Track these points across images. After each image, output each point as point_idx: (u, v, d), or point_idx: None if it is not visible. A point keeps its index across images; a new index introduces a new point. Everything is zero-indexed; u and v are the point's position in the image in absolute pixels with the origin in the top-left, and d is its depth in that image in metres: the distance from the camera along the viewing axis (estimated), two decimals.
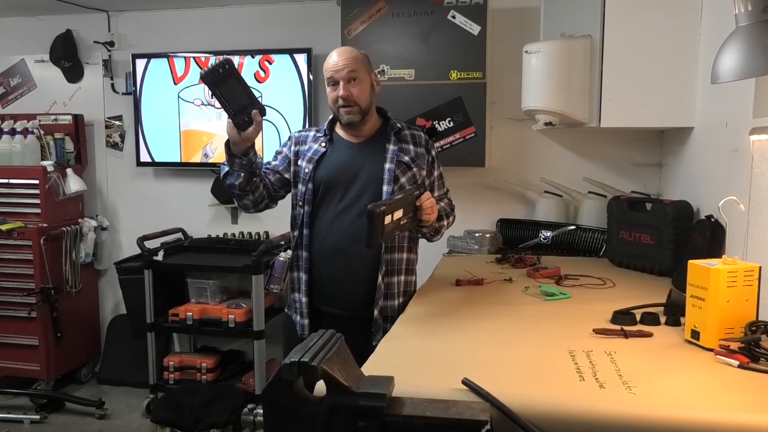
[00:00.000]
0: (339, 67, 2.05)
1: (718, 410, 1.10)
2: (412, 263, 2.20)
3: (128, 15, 4.00)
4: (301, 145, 2.19)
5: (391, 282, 2.10)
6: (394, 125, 2.16)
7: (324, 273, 2.12)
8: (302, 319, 2.16)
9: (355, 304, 2.10)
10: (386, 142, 2.12)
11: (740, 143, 1.96)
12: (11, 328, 3.75)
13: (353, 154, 2.14)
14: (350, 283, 2.10)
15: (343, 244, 2.07)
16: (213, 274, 3.53)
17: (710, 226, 2.08)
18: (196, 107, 3.81)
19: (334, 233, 2.08)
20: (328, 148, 2.15)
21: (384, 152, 2.10)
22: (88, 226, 3.93)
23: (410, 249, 2.18)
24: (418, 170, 2.12)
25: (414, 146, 2.15)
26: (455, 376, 1.18)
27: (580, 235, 2.92)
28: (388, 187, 2.04)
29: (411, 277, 2.20)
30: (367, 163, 2.10)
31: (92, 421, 3.55)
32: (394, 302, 2.11)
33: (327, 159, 2.13)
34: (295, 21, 3.72)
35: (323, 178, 2.11)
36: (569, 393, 1.19)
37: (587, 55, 2.59)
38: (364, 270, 2.08)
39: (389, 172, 2.07)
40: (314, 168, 2.12)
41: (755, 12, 1.46)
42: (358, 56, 2.10)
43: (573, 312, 1.82)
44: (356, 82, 2.06)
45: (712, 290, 1.43)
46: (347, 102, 2.05)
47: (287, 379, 0.98)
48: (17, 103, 4.21)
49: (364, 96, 2.08)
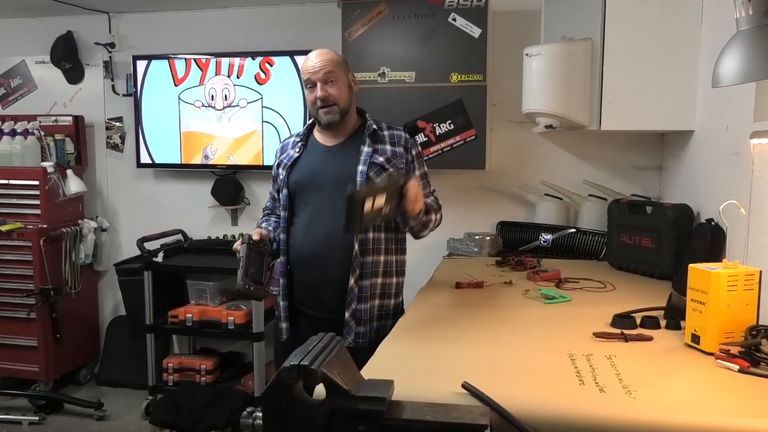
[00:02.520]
0: (316, 68, 2.07)
1: (718, 415, 1.10)
2: (391, 265, 2.15)
3: (129, 16, 4.00)
4: (282, 153, 2.23)
5: (365, 285, 2.08)
6: (370, 126, 2.15)
7: (301, 276, 2.14)
8: (281, 322, 2.18)
9: (331, 306, 2.10)
10: (361, 143, 2.12)
11: (741, 147, 1.96)
12: (10, 329, 3.75)
13: (326, 157, 2.14)
14: (326, 286, 2.10)
15: (318, 248, 2.08)
16: (213, 275, 3.53)
17: (711, 229, 2.08)
18: (197, 109, 3.81)
19: (310, 237, 2.09)
20: (302, 152, 2.17)
21: (358, 154, 2.10)
22: (87, 228, 3.93)
23: (390, 251, 2.14)
24: (395, 171, 2.10)
25: (391, 146, 2.13)
26: (455, 379, 1.18)
27: (581, 238, 2.92)
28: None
29: (393, 279, 2.16)
30: (339, 166, 2.10)
31: (91, 423, 3.55)
32: (367, 305, 2.08)
33: (300, 163, 2.16)
34: (296, 23, 3.72)
35: (296, 182, 2.13)
36: (569, 397, 1.19)
37: (588, 58, 2.59)
38: (339, 272, 2.07)
39: (361, 174, 2.06)
40: (288, 173, 2.14)
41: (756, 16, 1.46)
42: (334, 57, 2.11)
43: (573, 315, 1.82)
44: (333, 82, 2.07)
45: (712, 294, 1.43)
46: (325, 102, 2.07)
47: (287, 382, 0.98)
48: (18, 104, 4.21)
49: (342, 95, 2.09)
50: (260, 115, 3.72)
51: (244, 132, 3.75)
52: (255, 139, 3.74)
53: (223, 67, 3.74)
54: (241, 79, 3.72)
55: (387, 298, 2.14)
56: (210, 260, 3.57)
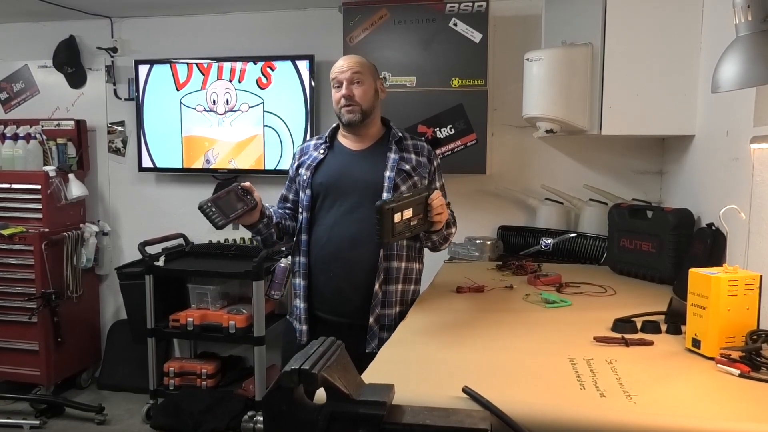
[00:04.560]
0: (344, 68, 2.09)
1: (718, 419, 1.10)
2: (411, 272, 2.16)
3: (131, 21, 4.01)
4: (303, 155, 2.22)
5: (389, 290, 2.08)
6: (396, 134, 2.17)
7: (323, 279, 2.11)
8: (301, 325, 2.15)
9: (353, 310, 2.08)
10: (387, 150, 2.13)
11: (741, 152, 1.96)
12: (12, 333, 3.75)
13: (352, 161, 2.14)
14: (348, 290, 2.09)
15: (341, 251, 2.06)
16: (214, 279, 3.53)
17: (711, 234, 2.08)
18: (198, 113, 3.82)
19: (334, 239, 2.08)
20: (327, 154, 2.17)
21: (385, 160, 2.10)
22: (89, 231, 3.94)
23: (410, 258, 2.15)
24: (419, 179, 2.12)
25: (416, 155, 2.15)
26: (455, 383, 1.18)
27: (581, 242, 2.92)
28: (388, 195, 2.04)
29: (410, 286, 2.17)
30: (366, 171, 2.10)
31: (92, 427, 3.54)
32: (391, 311, 2.09)
33: (325, 165, 2.15)
34: (298, 28, 3.74)
35: (321, 184, 2.12)
36: (570, 401, 1.19)
37: (588, 63, 2.59)
38: (363, 277, 2.07)
39: (389, 180, 2.07)
40: (312, 174, 2.13)
41: (755, 22, 1.46)
42: (364, 62, 2.14)
43: (574, 320, 1.82)
44: (360, 84, 2.09)
45: (713, 299, 1.43)
46: (349, 101, 2.08)
47: (287, 387, 0.98)
48: (20, 109, 4.22)
49: (366, 97, 2.10)
50: (262, 120, 3.72)
51: (245, 136, 3.76)
52: (256, 144, 3.74)
53: (225, 72, 3.75)
54: (243, 83, 3.73)
55: (405, 305, 2.13)
56: (211, 264, 3.57)
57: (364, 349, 2.03)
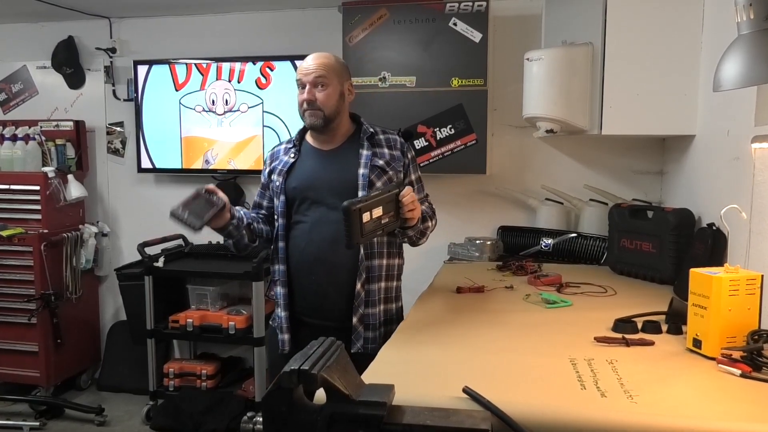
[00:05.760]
0: (309, 70, 2.05)
1: (720, 420, 1.10)
2: (393, 269, 2.14)
3: (130, 21, 4.01)
4: (274, 161, 2.19)
5: (371, 289, 2.06)
6: (367, 130, 2.13)
7: (305, 283, 2.09)
8: (282, 334, 2.12)
9: (337, 312, 2.07)
10: (359, 147, 2.10)
11: (742, 151, 1.96)
12: (11, 334, 3.74)
13: (324, 162, 2.11)
14: (332, 292, 2.07)
15: (322, 253, 2.04)
16: (213, 280, 3.53)
17: (712, 234, 2.07)
18: (198, 113, 3.81)
19: (313, 242, 2.06)
20: (297, 158, 2.14)
21: (357, 158, 2.08)
22: (88, 232, 3.93)
23: (392, 254, 2.13)
24: (394, 173, 2.09)
25: (389, 149, 2.12)
26: (456, 384, 1.17)
27: (581, 242, 2.92)
28: (364, 192, 2.01)
29: (393, 282, 2.15)
30: (339, 170, 2.08)
31: (92, 428, 3.54)
32: (375, 309, 2.07)
33: (297, 169, 2.12)
34: (297, 28, 3.73)
35: (295, 188, 2.09)
36: (570, 401, 1.18)
37: (588, 63, 2.59)
38: (346, 277, 2.05)
39: (363, 177, 2.04)
40: (285, 179, 2.11)
41: (757, 20, 1.46)
42: (330, 63, 2.08)
43: (574, 320, 1.82)
44: (323, 87, 2.04)
45: (714, 299, 1.43)
46: (310, 105, 2.04)
47: (287, 387, 0.98)
48: (19, 109, 4.21)
49: (329, 102, 2.05)
50: (261, 120, 3.72)
51: (244, 137, 3.76)
52: (256, 144, 3.74)
53: (224, 72, 3.75)
54: (242, 83, 3.73)
55: (389, 302, 2.13)
56: (211, 265, 3.56)
57: (350, 349, 2.02)
